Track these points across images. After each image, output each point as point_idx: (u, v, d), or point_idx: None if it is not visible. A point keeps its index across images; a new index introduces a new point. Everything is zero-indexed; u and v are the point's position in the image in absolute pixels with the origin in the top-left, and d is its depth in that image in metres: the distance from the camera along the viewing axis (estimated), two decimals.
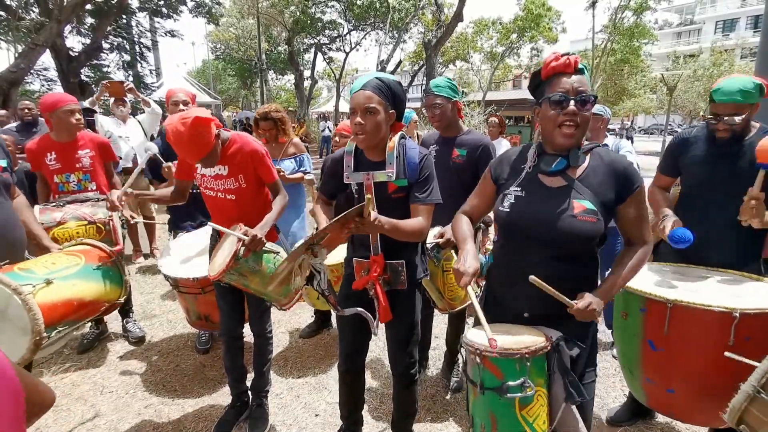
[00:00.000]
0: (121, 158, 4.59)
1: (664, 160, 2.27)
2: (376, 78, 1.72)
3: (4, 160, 2.00)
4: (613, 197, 1.44)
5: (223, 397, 2.66)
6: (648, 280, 1.94)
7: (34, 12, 10.31)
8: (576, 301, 1.39)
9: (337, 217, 1.47)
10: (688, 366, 1.71)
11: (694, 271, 2.02)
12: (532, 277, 1.37)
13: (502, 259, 1.62)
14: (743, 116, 1.89)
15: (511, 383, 1.34)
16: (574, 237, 1.40)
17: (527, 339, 1.40)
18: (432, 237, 2.31)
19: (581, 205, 1.41)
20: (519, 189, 1.52)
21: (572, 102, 1.36)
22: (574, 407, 1.41)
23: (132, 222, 3.44)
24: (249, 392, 2.48)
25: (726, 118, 1.92)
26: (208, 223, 2.15)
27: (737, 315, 1.55)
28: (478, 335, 1.45)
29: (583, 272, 1.50)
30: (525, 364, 1.34)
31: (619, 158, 1.47)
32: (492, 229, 3.11)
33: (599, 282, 1.55)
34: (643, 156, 14.67)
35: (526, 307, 1.53)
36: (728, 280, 1.91)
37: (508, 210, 1.51)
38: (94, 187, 3.22)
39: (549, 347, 1.39)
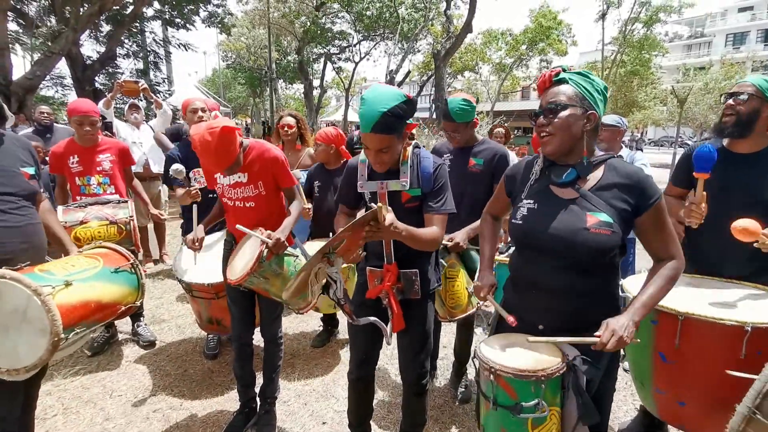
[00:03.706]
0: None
1: (677, 172, 2.28)
2: (383, 114, 1.60)
3: (32, 167, 2.03)
4: (630, 209, 1.41)
5: (230, 403, 2.67)
6: None
7: (50, 21, 10.50)
8: (598, 333, 1.33)
9: (350, 223, 1.46)
10: (699, 379, 1.69)
11: (708, 283, 2.00)
12: (531, 339, 1.40)
13: (516, 270, 1.62)
14: (750, 99, 1.93)
15: (525, 404, 1.32)
16: (586, 250, 1.38)
17: (544, 359, 1.37)
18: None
19: (595, 217, 1.39)
20: (531, 201, 1.52)
21: (541, 116, 1.45)
22: (586, 427, 1.39)
23: (161, 220, 3.91)
24: (257, 398, 2.49)
25: (736, 95, 1.97)
26: (237, 225, 2.14)
27: (749, 329, 1.53)
28: (491, 351, 1.44)
29: (599, 285, 1.46)
30: (540, 387, 1.32)
31: (635, 170, 1.45)
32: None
33: (619, 294, 1.53)
34: (654, 168, 14.58)
35: (541, 319, 1.51)
36: (744, 293, 1.89)
37: (520, 222, 1.52)
38: (113, 191, 3.31)
39: (565, 369, 1.36)
